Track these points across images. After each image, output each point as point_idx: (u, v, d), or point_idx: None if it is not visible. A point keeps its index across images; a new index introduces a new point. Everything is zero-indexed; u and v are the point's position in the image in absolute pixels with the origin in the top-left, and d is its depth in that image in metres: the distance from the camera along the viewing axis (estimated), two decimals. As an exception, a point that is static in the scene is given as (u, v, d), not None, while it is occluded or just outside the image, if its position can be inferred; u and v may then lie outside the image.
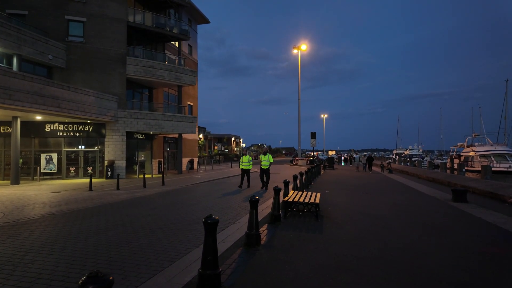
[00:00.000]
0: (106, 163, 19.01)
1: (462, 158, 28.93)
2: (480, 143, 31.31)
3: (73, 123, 18.67)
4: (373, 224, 6.52)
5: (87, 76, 19.18)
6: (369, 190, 12.58)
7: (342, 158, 48.05)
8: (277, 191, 6.56)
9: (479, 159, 27.08)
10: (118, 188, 12.96)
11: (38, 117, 17.10)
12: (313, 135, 32.96)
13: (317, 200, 7.28)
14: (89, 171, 18.80)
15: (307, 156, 43.60)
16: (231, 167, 32.31)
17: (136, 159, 21.66)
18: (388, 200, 10.03)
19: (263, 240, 5.25)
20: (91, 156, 19.50)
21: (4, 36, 15.56)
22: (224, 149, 66.31)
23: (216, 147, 62.91)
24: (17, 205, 9.19)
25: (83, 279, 1.72)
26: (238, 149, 75.51)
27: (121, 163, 19.33)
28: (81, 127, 18.93)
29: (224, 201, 9.80)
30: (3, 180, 17.41)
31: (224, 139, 70.18)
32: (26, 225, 6.60)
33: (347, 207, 8.52)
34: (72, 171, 18.78)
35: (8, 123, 16.89)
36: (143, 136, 22.05)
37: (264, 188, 12.78)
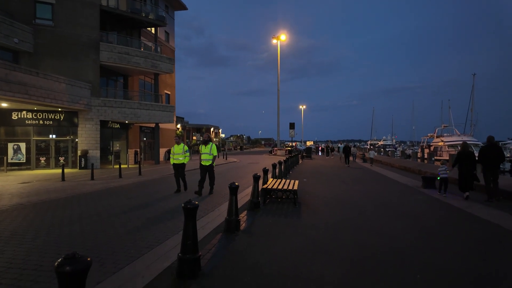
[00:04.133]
0: (79, 153, 18.32)
1: (432, 148, 30.35)
2: (448, 134, 32.94)
3: (42, 111, 17.76)
4: (348, 210, 6.76)
5: (58, 62, 18.20)
6: (344, 179, 12.96)
7: (320, 149, 49.09)
8: (256, 178, 6.62)
9: (447, 148, 28.52)
10: (92, 178, 12.56)
11: (4, 104, 16.13)
12: (292, 126, 33.33)
13: (295, 187, 7.43)
14: (61, 161, 18.06)
15: (286, 147, 44.10)
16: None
17: (111, 149, 21.02)
18: (362, 188, 10.40)
19: (243, 226, 5.31)
20: (63, 146, 18.70)
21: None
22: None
23: (194, 138, 62.15)
24: (-18, 196, 8.71)
25: (59, 261, 1.69)
26: (217, 139, 75.05)
27: (95, 153, 18.68)
28: (51, 116, 18.05)
29: (203, 190, 9.77)
30: (-34, 171, 16.38)
31: (203, 130, 69.39)
32: (-6, 216, 6.28)
33: (324, 195, 8.76)
34: (42, 162, 17.95)
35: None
36: (118, 125, 21.38)
37: (208, 192, 8.85)
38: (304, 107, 65.56)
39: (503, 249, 4.34)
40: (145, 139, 25.68)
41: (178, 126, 48.25)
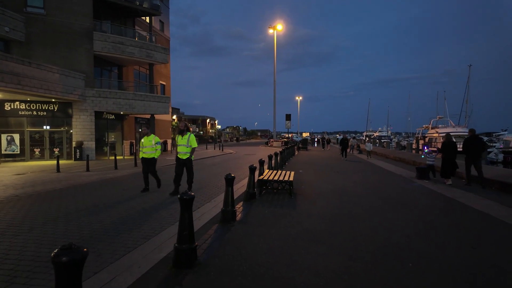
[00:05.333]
0: (74, 144, 18.18)
1: (426, 139, 30.58)
2: (443, 125, 33.18)
3: (36, 102, 17.52)
4: (343, 200, 6.83)
5: (51, 52, 17.88)
6: (339, 170, 13.06)
7: (316, 140, 49.20)
8: (252, 169, 6.66)
9: (442, 140, 28.76)
10: (88, 170, 12.51)
11: (-4, 95, 15.88)
12: (288, 117, 33.30)
13: (291, 178, 7.47)
14: (56, 152, 17.93)
15: (282, 138, 44.15)
16: (206, 148, 32.09)
17: (106, 140, 20.89)
18: (357, 178, 10.49)
19: (239, 216, 5.36)
20: (57, 137, 18.54)
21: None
22: (199, 131, 65.47)
23: (191, 129, 62.01)
24: (-24, 187, 8.65)
25: (56, 251, 1.70)
26: (213, 130, 74.84)
27: (90, 144, 18.56)
28: (45, 106, 17.82)
29: (199, 181, 9.80)
30: (-41, 162, 16.20)
31: (198, 121, 69.16)
32: (-11, 208, 6.26)
33: (320, 185, 8.83)
34: (37, 153, 17.81)
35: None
36: (113, 116, 21.21)
37: (186, 189, 6.59)
38: (301, 98, 65.38)
39: (494, 237, 4.43)
40: (140, 130, 25.53)
41: (174, 117, 48.02)
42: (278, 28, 31.30)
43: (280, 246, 3.97)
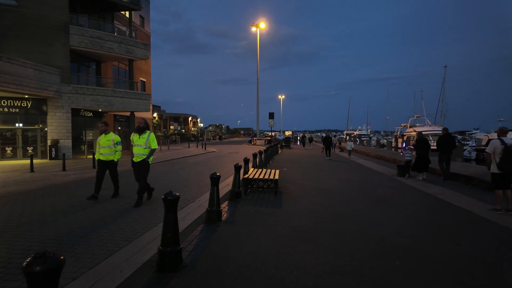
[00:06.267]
0: (49, 142, 17.39)
1: (405, 138, 31.49)
2: (420, 124, 34.25)
3: (7, 98, 16.62)
4: (328, 198, 6.86)
5: (25, 46, 16.97)
6: (323, 168, 13.18)
7: (298, 138, 49.61)
8: (237, 168, 6.56)
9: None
10: (64, 169, 11.99)
11: (-37, 90, 14.91)
12: (271, 115, 33.37)
13: (276, 177, 7.43)
14: (29, 151, 17.09)
15: (265, 136, 44.24)
16: (189, 147, 31.64)
17: (84, 138, 20.13)
18: (340, 176, 10.61)
19: (224, 216, 5.25)
20: (31, 135, 17.67)
21: None
22: (181, 129, 64.48)
23: (172, 127, 60.88)
24: None
25: (28, 260, 1.54)
26: (196, 129, 73.99)
27: (66, 143, 17.82)
28: (17, 103, 16.94)
29: (182, 181, 9.59)
30: None
31: (180, 119, 68.09)
32: (-46, 211, 5.83)
33: (304, 183, 8.85)
34: (8, 152, 16.91)
35: None
36: (91, 114, 20.46)
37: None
38: (283, 97, 65.75)
39: (475, 232, 4.55)
40: (119, 128, 24.80)
41: (155, 115, 47.04)
42: (261, 26, 31.22)
43: (268, 245, 3.90)
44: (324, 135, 21.87)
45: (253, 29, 31.39)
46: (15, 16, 16.94)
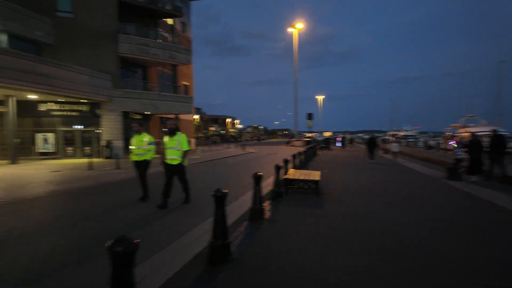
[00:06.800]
0: (103, 143, 18.93)
1: (456, 139, 29.34)
2: (474, 124, 31.69)
3: (67, 103, 18.40)
4: (370, 201, 6.71)
5: (79, 54, 18.68)
6: (365, 170, 12.81)
7: (337, 139, 48.37)
8: (278, 168, 6.68)
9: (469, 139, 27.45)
10: (118, 168, 12.99)
11: (32, 96, 16.80)
12: (310, 116, 32.96)
13: (317, 178, 7.43)
14: (87, 151, 18.74)
15: (304, 137, 43.79)
16: (228, 148, 32.41)
17: (133, 139, 21.52)
18: (384, 178, 10.25)
19: (267, 215, 5.39)
20: (88, 136, 19.37)
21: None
22: (220, 130, 66.22)
23: (213, 128, 62.74)
24: (20, 183, 9.23)
25: (110, 242, 1.80)
26: (235, 130, 75.45)
27: (118, 143, 19.25)
28: (76, 107, 18.68)
29: (224, 180, 9.94)
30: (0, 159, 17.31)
31: (219, 120, 69.95)
32: (34, 202, 6.67)
33: (345, 185, 8.71)
34: (69, 151, 18.70)
35: (1, 102, 16.51)
36: (139, 116, 21.87)
37: (184, 200, 6.48)
38: (323, 97, 64.39)
39: (537, 242, 4.21)
40: (165, 129, 26.19)
41: (196, 116, 48.85)
42: (298, 27, 31.06)
43: (310, 245, 3.97)
44: (366, 136, 20.74)
45: (290, 29, 31.33)
46: (71, 27, 18.71)
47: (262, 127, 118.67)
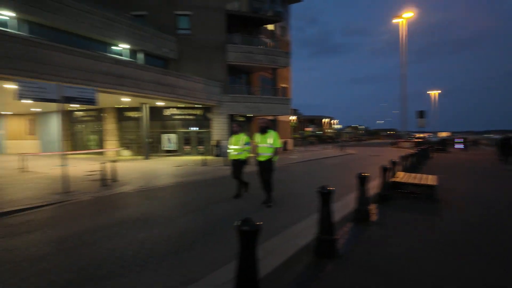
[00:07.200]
0: (213, 142, 21.25)
1: None
2: None
3: (185, 108, 21.36)
4: (494, 213, 5.63)
5: (194, 65, 21.42)
6: (497, 177, 10.72)
7: (456, 141, 41.55)
8: (385, 170, 6.30)
9: None
10: (226, 165, 14.41)
11: (159, 103, 20.14)
12: (421, 114, 29.35)
13: (433, 183, 6.67)
14: (200, 149, 21.39)
15: (414, 138, 39.17)
16: (326, 149, 31.83)
17: (238, 139, 23.45)
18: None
19: (373, 217, 5.18)
20: (201, 137, 22.06)
21: (132, 35, 18.72)
22: (317, 131, 65.46)
23: (309, 129, 62.60)
24: (154, 174, 11.33)
25: (238, 222, 2.13)
26: (332, 130, 73.41)
27: (225, 143, 21.27)
28: (191, 111, 21.52)
29: (323, 180, 9.88)
30: (137, 155, 21.36)
31: (316, 121, 69.20)
32: (166, 189, 8.13)
33: (469, 193, 7.52)
34: (187, 149, 21.69)
35: (138, 109, 20.33)
36: (243, 118, 23.65)
37: (266, 203, 6.27)
38: (437, 92, 56.36)
39: None
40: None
41: (293, 117, 49.62)
42: (406, 16, 28.10)
43: (421, 252, 3.66)
44: (496, 137, 17.08)
45: (396, 20, 28.62)
46: (188, 42, 21.61)
47: (362, 127, 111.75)
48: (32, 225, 5.02)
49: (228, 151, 7.24)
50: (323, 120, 71.53)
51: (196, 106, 21.14)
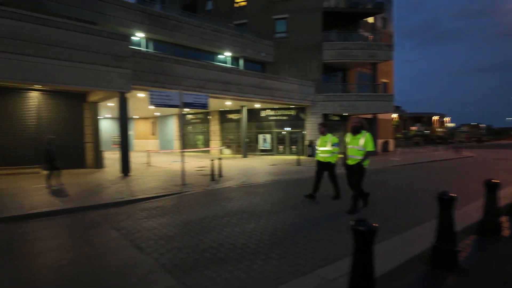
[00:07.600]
0: (307, 142, 21.29)
1: None
2: None
3: (279, 109, 22.00)
4: None
5: (289, 66, 21.84)
6: None
7: None
8: (521, 176, 5.25)
9: None
10: (320, 165, 14.32)
11: (256, 105, 21.29)
12: None
13: None
14: (293, 149, 21.71)
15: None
16: (435, 150, 28.08)
17: (332, 139, 22.89)
18: None
19: (504, 232, 4.41)
20: (294, 137, 22.38)
21: (234, 43, 20.32)
22: (424, 130, 58.18)
23: (415, 128, 56.21)
24: (253, 172, 12.12)
25: (353, 222, 2.18)
26: (443, 129, 64.21)
27: (318, 143, 21.03)
28: (285, 112, 22.02)
29: (435, 186, 8.83)
30: (236, 154, 23.07)
31: (423, 119, 61.53)
32: (265, 186, 8.64)
33: None
34: (280, 149, 22.33)
35: (238, 111, 21.93)
36: (337, 118, 22.94)
37: (350, 212, 5.57)
38: None
39: None
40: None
41: (395, 115, 45.37)
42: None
43: None
44: None
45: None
46: (285, 45, 22.14)
47: (483, 125, 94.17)
48: (162, 211, 6.05)
49: (316, 152, 7.07)
50: (433, 118, 62.93)
51: (290, 106, 21.55)
